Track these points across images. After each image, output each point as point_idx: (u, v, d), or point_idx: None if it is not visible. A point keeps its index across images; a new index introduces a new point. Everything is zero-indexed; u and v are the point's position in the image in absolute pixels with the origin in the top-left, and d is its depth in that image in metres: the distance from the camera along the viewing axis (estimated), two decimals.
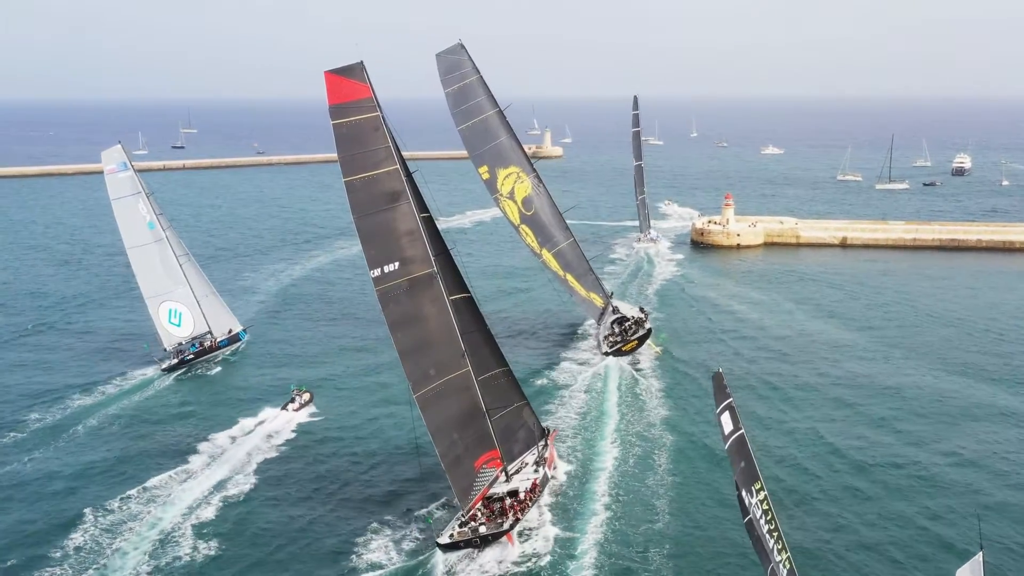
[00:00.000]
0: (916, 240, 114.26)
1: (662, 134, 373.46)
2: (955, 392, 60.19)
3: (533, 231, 74.05)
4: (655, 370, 65.81)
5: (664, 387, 62.05)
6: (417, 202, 43.59)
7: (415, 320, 43.31)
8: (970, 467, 48.40)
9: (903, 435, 53.13)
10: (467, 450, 45.55)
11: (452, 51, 72.55)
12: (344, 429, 55.12)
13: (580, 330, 76.92)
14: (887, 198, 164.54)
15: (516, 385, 50.28)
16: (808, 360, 67.98)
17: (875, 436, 52.97)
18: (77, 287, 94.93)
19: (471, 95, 72.88)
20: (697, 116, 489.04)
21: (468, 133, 72.86)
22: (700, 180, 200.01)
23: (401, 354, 42.37)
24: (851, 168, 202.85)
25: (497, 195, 73.54)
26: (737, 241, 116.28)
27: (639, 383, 62.94)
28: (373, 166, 41.55)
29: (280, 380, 64.12)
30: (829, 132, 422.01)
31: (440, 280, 44.24)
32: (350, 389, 62.83)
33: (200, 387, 63.98)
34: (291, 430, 55.15)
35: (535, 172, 75.89)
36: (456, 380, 45.13)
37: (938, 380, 62.77)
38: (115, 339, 74.41)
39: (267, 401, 59.60)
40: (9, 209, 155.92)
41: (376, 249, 41.71)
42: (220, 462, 50.54)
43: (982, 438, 52.18)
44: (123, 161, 69.06)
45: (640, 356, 68.56)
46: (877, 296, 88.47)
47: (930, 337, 73.79)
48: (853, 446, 51.37)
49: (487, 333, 48.43)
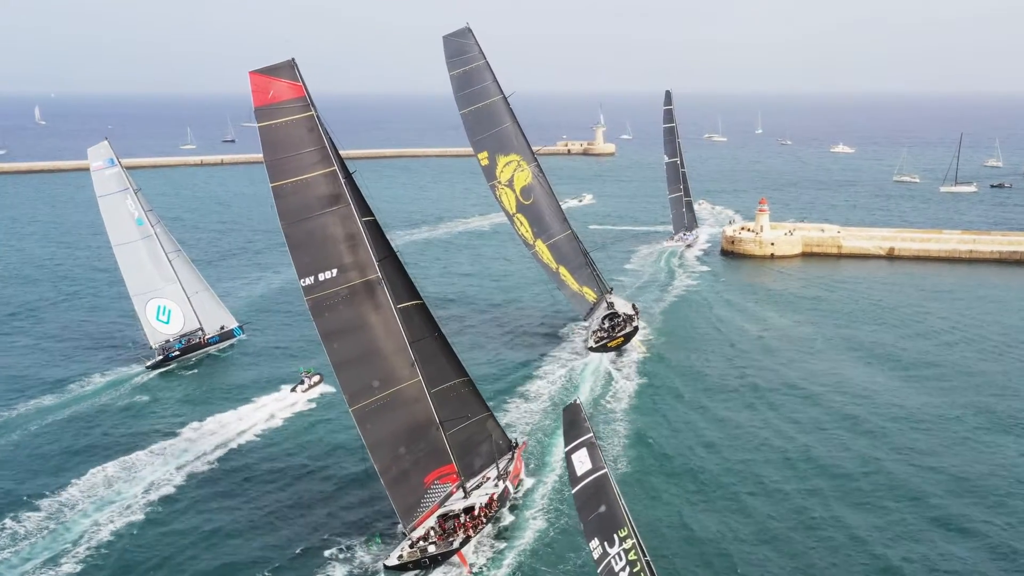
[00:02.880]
0: (973, 253, 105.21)
1: (726, 130, 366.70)
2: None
3: (529, 221, 74.06)
4: (634, 374, 65.02)
5: (635, 391, 61.42)
6: (359, 205, 42.59)
7: (355, 329, 42.24)
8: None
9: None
10: (416, 465, 44.39)
11: (459, 34, 72.61)
12: (304, 445, 53.96)
13: (561, 331, 76.34)
14: (949, 203, 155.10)
15: (478, 396, 48.92)
16: (815, 396, 60.22)
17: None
18: (66, 284, 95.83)
19: (476, 80, 73.03)
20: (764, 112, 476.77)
21: (470, 118, 73.10)
22: (748, 180, 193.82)
23: (337, 365, 41.42)
24: (909, 169, 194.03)
25: (495, 182, 73.55)
26: (771, 251, 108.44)
27: (611, 386, 62.40)
28: (306, 169, 40.59)
29: (263, 377, 64.32)
30: (909, 129, 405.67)
31: (386, 286, 43.16)
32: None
33: (177, 385, 64.34)
34: (254, 433, 55.06)
35: (536, 162, 75.81)
36: (405, 391, 43.96)
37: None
38: (100, 337, 75.41)
39: (240, 400, 59.84)
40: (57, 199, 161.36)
41: (309, 256, 40.75)
42: (166, 460, 50.86)
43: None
44: (110, 157, 69.77)
45: (625, 357, 68.07)
46: (921, 322, 77.94)
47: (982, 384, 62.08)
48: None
49: (443, 342, 47.13)
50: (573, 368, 65.94)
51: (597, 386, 62.45)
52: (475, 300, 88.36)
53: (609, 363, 66.80)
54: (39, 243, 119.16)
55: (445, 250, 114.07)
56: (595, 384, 62.79)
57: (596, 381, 63.33)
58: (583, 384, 62.66)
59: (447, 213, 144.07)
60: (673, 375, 64.90)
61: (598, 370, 65.43)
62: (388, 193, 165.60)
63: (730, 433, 54.31)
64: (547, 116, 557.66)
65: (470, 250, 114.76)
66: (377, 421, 42.30)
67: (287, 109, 39.98)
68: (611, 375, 64.51)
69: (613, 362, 67.14)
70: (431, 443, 44.87)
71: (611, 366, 66.26)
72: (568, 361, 67.61)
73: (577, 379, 63.73)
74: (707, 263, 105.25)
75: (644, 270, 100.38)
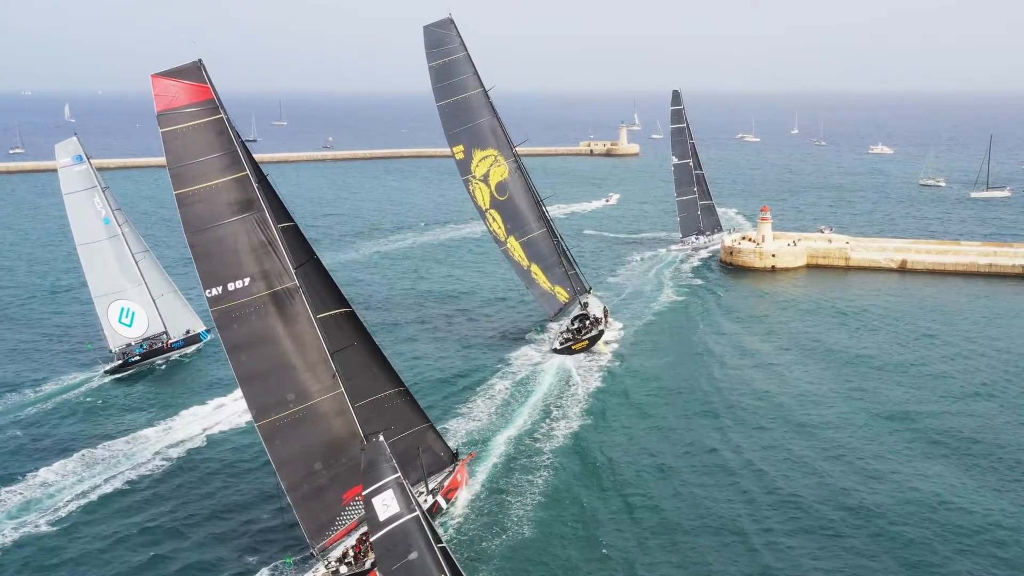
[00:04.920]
0: (992, 267, 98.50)
1: (759, 130, 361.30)
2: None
3: (502, 217, 73.63)
4: (593, 380, 64.37)
5: (588, 397, 60.96)
6: (275, 210, 41.59)
7: (267, 341, 41.10)
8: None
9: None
10: (334, 481, 43.26)
11: (440, 25, 72.24)
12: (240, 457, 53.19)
13: (528, 334, 75.77)
14: (977, 209, 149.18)
15: (415, 407, 47.96)
16: (767, 423, 56.27)
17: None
18: (28, 284, 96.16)
19: (455, 72, 72.78)
20: (801, 111, 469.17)
21: (447, 110, 72.78)
22: (767, 183, 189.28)
23: (243, 379, 40.19)
24: (935, 171, 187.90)
25: (469, 176, 73.15)
26: (772, 263, 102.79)
27: (564, 391, 62.11)
28: (214, 174, 39.58)
29: (220, 382, 63.78)
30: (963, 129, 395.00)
31: (303, 295, 42.10)
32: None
33: (131, 390, 64.03)
34: (202, 441, 54.61)
35: (515, 157, 75.09)
36: (323, 404, 42.83)
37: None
38: (58, 339, 75.50)
39: (194, 405, 59.66)
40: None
41: (216, 265, 39.66)
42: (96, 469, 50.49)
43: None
44: (78, 154, 69.64)
45: (589, 361, 68.11)
46: (930, 348, 71.28)
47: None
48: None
49: (374, 351, 46.10)
50: (533, 371, 65.93)
51: (553, 389, 62.40)
52: (442, 303, 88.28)
53: (573, 366, 66.82)
54: (10, 245, 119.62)
55: (423, 258, 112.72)
56: (550, 388, 62.57)
57: (551, 384, 63.19)
58: (538, 388, 62.48)
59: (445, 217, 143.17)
60: (632, 385, 63.71)
61: (559, 372, 65.49)
62: (386, 194, 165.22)
63: (677, 452, 52.49)
64: (578, 115, 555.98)
65: (445, 254, 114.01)
66: (289, 436, 41.24)
67: (192, 113, 39.06)
68: (569, 378, 64.35)
69: (576, 366, 66.95)
70: (355, 458, 43.68)
71: (573, 369, 66.12)
72: (527, 365, 67.49)
73: (533, 384, 63.42)
74: (702, 275, 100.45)
75: (629, 282, 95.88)
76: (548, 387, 62.63)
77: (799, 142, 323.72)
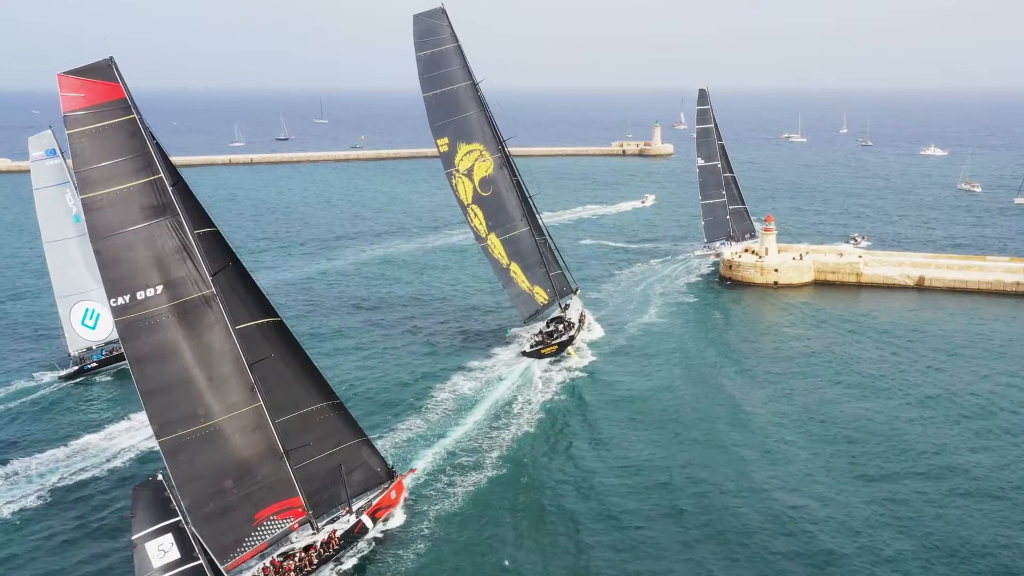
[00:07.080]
0: (1020, 285, 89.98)
1: (806, 130, 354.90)
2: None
3: (484, 213, 72.89)
4: (554, 388, 63.78)
5: (543, 407, 60.36)
6: (192, 215, 40.71)
7: (177, 352, 40.05)
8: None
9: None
10: (247, 499, 42.25)
11: (431, 15, 71.80)
12: None
13: (490, 337, 75.46)
14: (1018, 217, 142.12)
15: (349, 420, 47.01)
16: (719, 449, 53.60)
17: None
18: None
19: (444, 63, 72.28)
20: (850, 110, 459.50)
21: (433, 101, 72.32)
22: (801, 188, 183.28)
23: (147, 393, 39.06)
24: (973, 175, 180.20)
25: (452, 170, 72.46)
26: (774, 278, 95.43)
27: (516, 399, 61.77)
28: (125, 178, 38.77)
29: None
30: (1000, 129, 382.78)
31: (221, 303, 41.15)
32: None
33: (82, 397, 63.27)
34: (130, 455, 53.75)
35: (503, 153, 74.23)
36: (238, 419, 42.00)
37: None
38: (14, 340, 74.90)
39: (142, 412, 58.90)
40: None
41: (125, 273, 38.76)
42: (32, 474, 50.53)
43: None
44: (51, 148, 68.99)
45: (555, 367, 67.90)
46: (940, 383, 64.05)
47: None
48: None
49: (304, 362, 45.11)
50: (494, 378, 65.59)
51: (517, 393, 62.43)
52: (419, 307, 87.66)
53: (537, 371, 66.63)
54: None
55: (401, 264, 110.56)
56: (506, 397, 62.08)
57: (508, 393, 62.78)
58: (493, 397, 61.97)
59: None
60: (593, 396, 62.84)
61: (522, 378, 65.47)
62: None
63: (625, 473, 51.03)
64: (627, 114, 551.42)
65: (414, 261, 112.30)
66: (196, 452, 40.29)
67: (102, 113, 38.23)
68: (529, 386, 63.83)
69: (540, 372, 66.63)
70: (272, 474, 42.86)
71: (536, 376, 65.77)
72: (490, 372, 66.89)
73: (489, 392, 62.94)
74: (696, 292, 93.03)
75: (610, 300, 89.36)
76: (504, 396, 61.83)
77: (846, 142, 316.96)
